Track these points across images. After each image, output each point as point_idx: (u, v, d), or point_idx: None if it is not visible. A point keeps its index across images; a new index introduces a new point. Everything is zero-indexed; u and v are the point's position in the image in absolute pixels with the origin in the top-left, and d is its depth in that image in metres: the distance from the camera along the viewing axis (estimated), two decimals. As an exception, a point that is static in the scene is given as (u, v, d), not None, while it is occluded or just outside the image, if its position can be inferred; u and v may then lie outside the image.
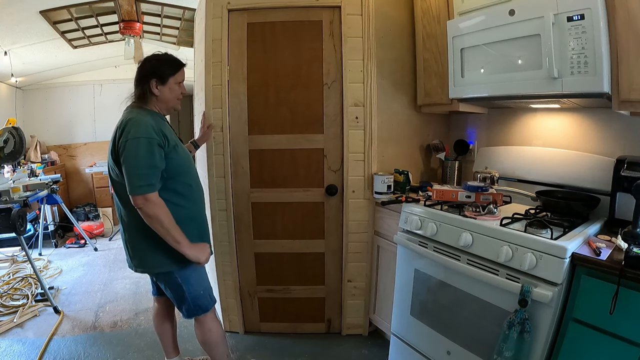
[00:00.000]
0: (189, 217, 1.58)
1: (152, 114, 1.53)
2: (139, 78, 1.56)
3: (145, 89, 1.54)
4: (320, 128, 2.13)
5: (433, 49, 2.10)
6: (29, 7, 2.91)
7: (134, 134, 1.41)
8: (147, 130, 1.42)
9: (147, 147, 1.41)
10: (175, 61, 1.58)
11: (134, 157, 1.41)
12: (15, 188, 3.02)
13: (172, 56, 1.60)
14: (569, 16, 1.37)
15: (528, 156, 1.96)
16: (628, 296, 1.13)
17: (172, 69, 1.56)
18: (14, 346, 2.24)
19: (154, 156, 1.43)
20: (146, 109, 1.55)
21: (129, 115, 1.48)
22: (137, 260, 1.59)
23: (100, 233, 4.49)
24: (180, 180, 1.56)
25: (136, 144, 1.40)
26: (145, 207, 1.41)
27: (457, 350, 1.60)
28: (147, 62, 1.57)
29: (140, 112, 1.51)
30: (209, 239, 1.73)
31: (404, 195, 2.00)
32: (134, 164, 1.41)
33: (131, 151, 1.41)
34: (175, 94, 1.59)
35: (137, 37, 3.63)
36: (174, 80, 1.56)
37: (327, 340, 2.28)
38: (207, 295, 1.67)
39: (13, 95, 4.72)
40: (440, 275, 1.66)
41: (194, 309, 1.63)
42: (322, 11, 2.06)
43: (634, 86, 1.32)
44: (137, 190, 1.41)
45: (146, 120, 1.45)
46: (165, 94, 1.56)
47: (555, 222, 1.43)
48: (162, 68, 1.54)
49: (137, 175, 1.41)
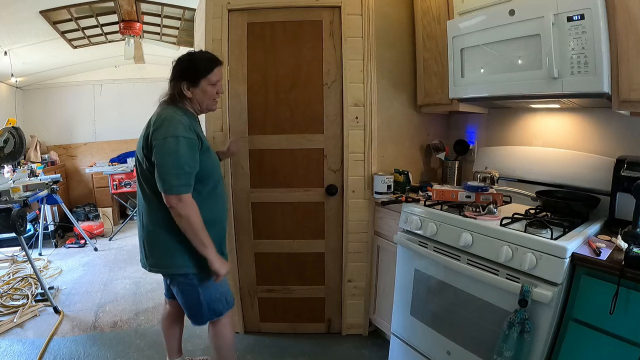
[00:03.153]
0: (212, 220, 1.53)
1: (187, 114, 1.50)
2: (171, 79, 1.52)
3: (175, 91, 1.50)
4: (320, 128, 2.13)
5: (433, 49, 2.10)
6: (29, 7, 2.91)
7: (172, 133, 1.38)
8: (185, 129, 1.40)
9: (186, 146, 1.38)
10: (209, 61, 1.52)
11: (173, 156, 1.37)
12: (15, 188, 3.02)
13: (207, 54, 1.55)
14: (569, 16, 1.37)
15: (528, 156, 1.96)
16: (628, 296, 1.13)
17: (205, 70, 1.50)
18: (14, 346, 2.24)
19: (192, 157, 1.41)
20: (181, 107, 1.50)
21: (164, 113, 1.45)
22: (153, 259, 1.55)
23: (100, 233, 4.49)
24: (208, 183, 1.52)
25: (175, 143, 1.37)
26: (179, 207, 1.39)
27: (457, 350, 1.60)
28: (179, 62, 1.52)
29: (176, 110, 1.47)
30: (226, 247, 1.70)
31: (404, 195, 2.00)
32: (173, 163, 1.37)
33: (170, 149, 1.37)
34: (209, 95, 1.53)
35: (137, 37, 3.64)
36: (206, 81, 1.50)
37: (327, 340, 2.28)
38: (224, 299, 1.63)
39: (13, 95, 4.72)
40: (440, 275, 1.66)
41: (208, 313, 1.60)
42: (322, 11, 2.06)
43: (634, 86, 1.32)
44: (173, 189, 1.38)
45: (182, 120, 1.42)
46: (198, 96, 1.51)
47: (555, 222, 1.43)
48: (193, 70, 1.49)
49: (175, 174, 1.37)
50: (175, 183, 1.38)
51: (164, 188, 1.38)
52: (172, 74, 1.53)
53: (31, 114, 5.02)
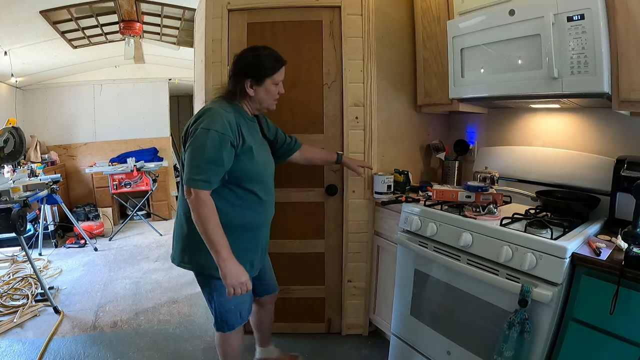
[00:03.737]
0: (243, 226, 1.49)
1: (236, 111, 1.46)
2: (233, 74, 1.47)
3: (237, 88, 1.46)
4: (320, 128, 2.12)
5: (433, 49, 2.10)
6: (29, 7, 2.91)
7: (206, 125, 1.34)
8: (222, 125, 1.35)
9: (216, 141, 1.33)
10: (275, 59, 1.47)
11: (200, 148, 1.33)
12: (15, 188, 3.02)
13: (273, 52, 1.49)
14: (569, 16, 1.37)
15: (528, 156, 1.96)
16: (628, 296, 1.13)
17: (272, 68, 1.46)
18: (14, 346, 2.24)
19: (221, 153, 1.34)
20: (233, 104, 1.47)
21: (209, 105, 1.42)
22: (173, 251, 1.54)
23: (100, 233, 4.48)
24: (246, 186, 1.46)
25: (205, 135, 1.33)
26: (192, 201, 1.35)
27: (457, 350, 1.60)
28: (244, 58, 1.47)
29: (223, 105, 1.43)
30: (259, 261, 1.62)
31: (404, 195, 2.00)
32: (198, 155, 1.34)
33: (199, 141, 1.33)
34: (272, 95, 1.50)
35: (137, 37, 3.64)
36: (271, 81, 1.47)
37: (327, 340, 2.27)
38: (238, 312, 1.55)
39: (13, 95, 4.72)
40: (440, 275, 1.66)
41: (220, 323, 1.55)
42: (322, 11, 2.06)
43: (634, 86, 1.32)
44: (192, 183, 1.34)
45: (225, 115, 1.38)
46: (261, 95, 1.47)
47: (555, 222, 1.43)
48: (259, 67, 1.45)
49: (198, 167, 1.34)
50: (195, 176, 1.34)
51: (185, 179, 1.37)
52: (233, 69, 1.49)
53: (31, 114, 5.02)
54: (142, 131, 5.35)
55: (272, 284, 1.83)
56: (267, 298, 1.83)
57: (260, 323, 1.92)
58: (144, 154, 5.19)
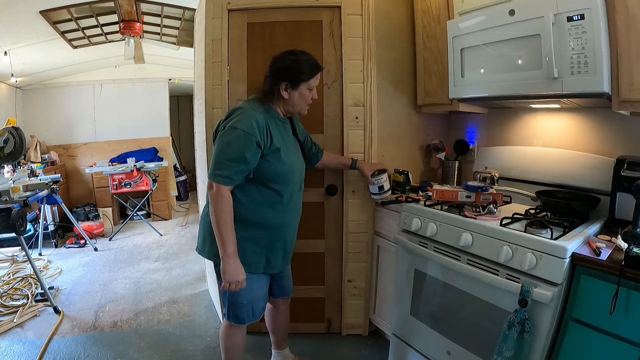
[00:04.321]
0: (260, 225, 1.52)
1: (268, 111, 1.49)
2: (269, 75, 1.51)
3: (273, 90, 1.49)
4: (320, 128, 2.12)
5: (433, 49, 2.10)
6: (29, 7, 2.91)
7: (234, 123, 1.40)
8: (249, 125, 1.39)
9: (241, 140, 1.38)
10: (313, 65, 1.51)
11: (225, 145, 1.40)
12: (15, 188, 3.02)
13: (311, 59, 1.53)
14: (569, 16, 1.37)
15: (528, 156, 1.96)
16: (628, 296, 1.14)
17: (308, 73, 1.49)
18: (14, 346, 2.24)
19: (245, 152, 1.39)
20: (265, 104, 1.51)
21: (241, 104, 1.48)
22: (199, 242, 1.61)
23: (100, 233, 4.49)
24: (269, 185, 1.50)
25: (231, 133, 1.39)
26: (213, 195, 1.41)
27: (457, 350, 1.60)
28: (282, 61, 1.50)
29: (255, 106, 1.48)
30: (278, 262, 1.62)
31: (404, 195, 2.00)
32: (222, 151, 1.40)
33: (225, 138, 1.40)
34: (306, 99, 1.53)
35: (137, 37, 3.64)
36: (306, 86, 1.50)
37: (327, 340, 2.27)
38: (250, 308, 1.58)
39: (13, 95, 4.72)
40: (440, 275, 1.66)
41: (231, 316, 1.59)
42: (322, 11, 2.06)
43: (634, 86, 1.32)
44: (213, 177, 1.41)
45: (254, 115, 1.42)
46: (295, 99, 1.51)
47: (555, 222, 1.43)
48: (296, 71, 1.48)
49: (220, 163, 1.40)
50: (217, 171, 1.40)
51: (209, 172, 1.43)
52: (270, 70, 1.52)
53: (31, 114, 5.02)
54: (142, 131, 5.35)
55: (287, 287, 1.84)
56: (281, 300, 1.85)
57: (275, 325, 1.93)
58: (144, 154, 5.20)
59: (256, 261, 1.56)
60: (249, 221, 1.49)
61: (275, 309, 1.89)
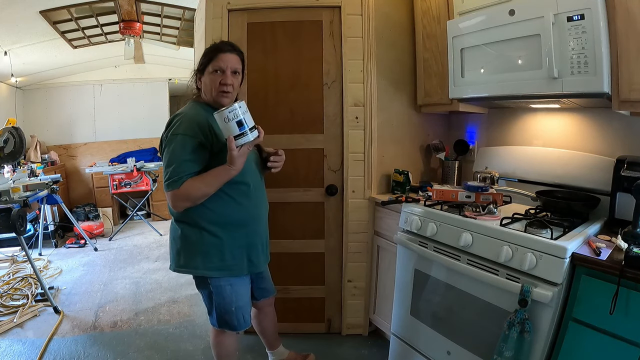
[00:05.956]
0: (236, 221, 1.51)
1: (206, 110, 1.46)
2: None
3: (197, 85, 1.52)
4: (320, 128, 2.13)
5: (433, 49, 2.10)
6: (29, 7, 2.91)
7: (175, 130, 1.38)
8: (189, 127, 1.38)
9: (186, 143, 1.36)
10: (214, 48, 1.49)
11: (170, 154, 1.37)
12: (15, 188, 3.02)
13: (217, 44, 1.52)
14: (569, 16, 1.37)
15: (528, 156, 1.96)
16: (628, 296, 1.13)
17: (207, 56, 1.48)
18: (14, 346, 2.24)
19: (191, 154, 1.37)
20: (200, 102, 1.50)
21: (180, 110, 1.47)
22: (172, 259, 1.59)
23: (100, 233, 4.49)
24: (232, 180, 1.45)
25: (174, 140, 1.37)
26: (178, 201, 1.38)
27: (457, 350, 1.60)
28: None
29: (192, 106, 1.48)
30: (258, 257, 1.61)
31: (404, 195, 2.00)
32: (170, 161, 1.37)
33: (169, 148, 1.38)
34: (214, 83, 1.45)
35: (137, 37, 3.64)
36: (210, 68, 1.46)
37: (327, 340, 2.27)
38: (241, 314, 1.58)
39: (13, 95, 4.72)
40: (440, 275, 1.66)
41: (220, 322, 1.58)
42: (322, 11, 2.06)
43: (634, 86, 1.32)
44: (165, 187, 1.38)
45: (193, 117, 1.41)
46: (207, 85, 1.48)
47: (555, 222, 1.43)
48: (201, 58, 1.50)
49: (166, 172, 1.38)
50: (166, 181, 1.38)
51: (164, 186, 1.40)
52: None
53: (31, 114, 5.02)
54: (142, 131, 5.35)
55: (269, 288, 1.83)
56: (265, 301, 1.83)
57: (262, 328, 1.92)
58: (144, 154, 5.20)
59: (237, 263, 1.54)
60: (220, 223, 1.47)
61: (260, 312, 1.87)
